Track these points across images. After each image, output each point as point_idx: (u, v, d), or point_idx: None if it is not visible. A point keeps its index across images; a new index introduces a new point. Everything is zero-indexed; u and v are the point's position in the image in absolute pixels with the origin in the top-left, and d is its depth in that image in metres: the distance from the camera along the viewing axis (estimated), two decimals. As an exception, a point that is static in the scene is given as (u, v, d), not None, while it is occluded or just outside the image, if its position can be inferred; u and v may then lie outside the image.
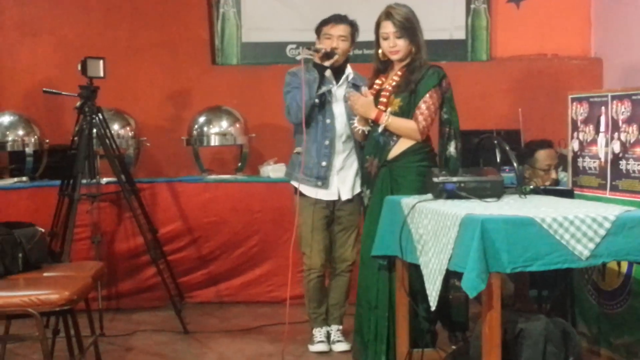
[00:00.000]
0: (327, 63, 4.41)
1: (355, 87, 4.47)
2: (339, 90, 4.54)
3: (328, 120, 4.49)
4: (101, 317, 5.01)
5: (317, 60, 4.40)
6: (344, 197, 4.55)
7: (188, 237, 5.72)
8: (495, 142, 4.14)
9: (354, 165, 4.56)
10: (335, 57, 4.41)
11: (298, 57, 4.48)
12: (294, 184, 4.57)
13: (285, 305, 4.47)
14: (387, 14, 4.14)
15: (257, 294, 5.77)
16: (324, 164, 4.50)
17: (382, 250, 3.90)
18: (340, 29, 4.49)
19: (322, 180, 4.50)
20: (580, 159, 4.27)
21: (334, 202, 4.56)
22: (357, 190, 4.54)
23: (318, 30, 4.55)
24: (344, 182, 4.54)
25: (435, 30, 6.35)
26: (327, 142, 4.50)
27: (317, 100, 4.45)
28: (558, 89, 5.81)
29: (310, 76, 4.40)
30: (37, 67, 6.55)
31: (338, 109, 4.51)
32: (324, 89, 4.44)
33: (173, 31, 6.69)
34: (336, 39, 4.47)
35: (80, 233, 5.39)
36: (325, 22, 4.52)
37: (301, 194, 4.52)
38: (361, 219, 4.49)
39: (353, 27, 4.53)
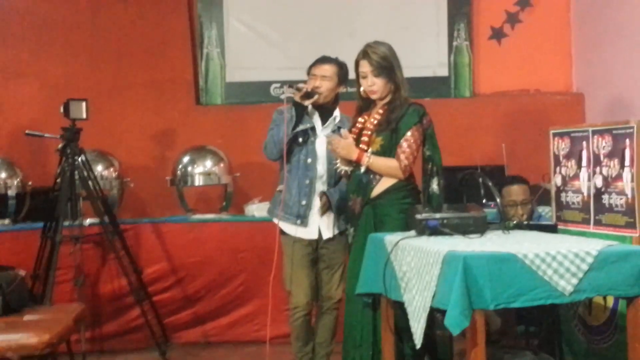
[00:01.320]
0: (306, 102, 4.41)
1: (340, 130, 4.48)
2: (324, 131, 4.54)
3: (309, 160, 4.49)
4: (84, 360, 4.95)
5: (297, 99, 4.41)
6: (325, 236, 4.52)
7: (173, 277, 5.68)
8: (480, 178, 4.14)
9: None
10: (315, 96, 4.42)
11: (282, 97, 4.49)
12: (275, 221, 4.56)
13: (273, 345, 4.42)
14: (364, 53, 4.15)
15: (243, 334, 5.71)
16: (303, 202, 4.49)
17: (366, 287, 3.88)
18: (324, 69, 4.49)
19: (302, 218, 4.49)
20: (563, 194, 4.27)
21: (316, 240, 4.54)
22: (340, 228, 4.52)
23: (308, 72, 4.57)
24: (324, 221, 4.53)
25: (418, 67, 6.40)
26: (307, 181, 4.49)
27: (299, 140, 4.45)
28: (541, 124, 5.83)
29: (290, 114, 4.42)
30: (21, 109, 6.54)
31: (321, 149, 4.51)
32: (300, 127, 4.44)
33: (157, 71, 6.71)
34: (319, 78, 4.48)
35: (62, 275, 5.34)
36: (313, 63, 4.55)
37: (282, 232, 4.52)
38: (347, 257, 4.47)
39: (340, 67, 4.52)
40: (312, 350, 4.64)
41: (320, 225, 4.51)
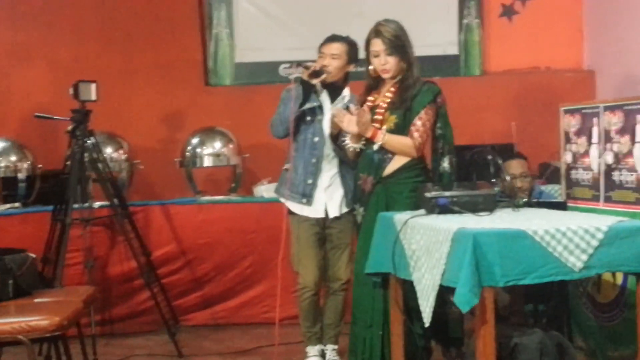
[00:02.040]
0: (314, 81, 4.39)
1: (349, 107, 4.45)
2: (332, 110, 4.51)
3: (316, 138, 4.47)
4: (94, 343, 4.94)
5: (305, 78, 4.38)
6: (332, 215, 4.51)
7: (182, 259, 5.68)
8: (489, 156, 4.11)
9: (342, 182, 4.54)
10: (324, 75, 4.40)
11: (291, 77, 4.46)
12: (282, 200, 4.56)
13: (282, 326, 4.42)
14: (377, 32, 4.11)
15: (252, 315, 5.71)
16: (309, 181, 4.48)
17: (375, 267, 3.86)
18: (333, 47, 4.47)
19: (307, 197, 4.48)
20: (573, 171, 4.24)
21: (323, 219, 4.53)
22: (347, 208, 4.51)
23: (319, 50, 4.55)
24: (331, 199, 4.51)
25: (428, 46, 6.33)
26: (313, 160, 4.48)
27: (307, 118, 4.44)
28: (551, 101, 5.76)
29: (297, 92, 4.40)
30: (30, 92, 6.55)
31: (328, 127, 4.49)
32: (307, 105, 4.42)
33: (166, 53, 6.69)
34: (328, 57, 4.46)
35: (73, 258, 5.34)
36: (323, 42, 4.54)
37: (290, 212, 4.52)
38: (354, 237, 4.46)
39: (350, 45, 4.50)
40: (320, 330, 4.64)
41: (327, 204, 4.50)
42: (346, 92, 4.56)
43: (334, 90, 4.53)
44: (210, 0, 6.86)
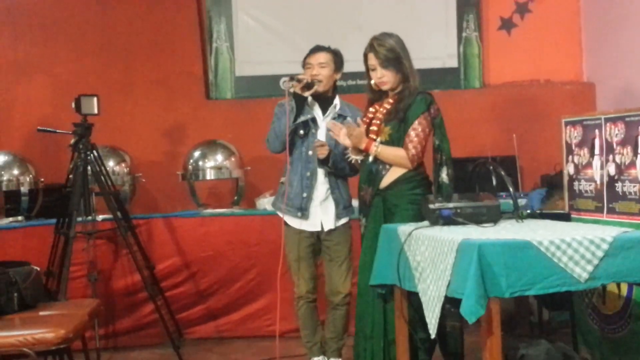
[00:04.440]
0: (306, 93, 4.41)
1: (342, 117, 4.48)
2: (325, 121, 4.53)
3: (311, 152, 4.49)
4: (99, 356, 4.96)
5: (298, 91, 4.40)
6: (327, 227, 4.52)
7: (185, 272, 5.67)
8: (491, 167, 4.13)
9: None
10: (315, 86, 4.42)
11: (282, 87, 4.47)
12: (279, 214, 4.58)
13: (285, 339, 4.41)
14: (371, 46, 4.15)
15: (256, 328, 5.70)
16: (304, 195, 4.49)
17: (380, 279, 3.88)
18: (320, 57, 4.50)
19: (303, 211, 4.49)
20: (576, 183, 4.26)
21: (318, 232, 4.55)
22: (342, 220, 4.53)
23: (303, 64, 4.58)
24: (326, 213, 4.52)
25: (427, 58, 6.39)
26: (308, 174, 4.49)
27: (301, 132, 4.46)
28: (552, 114, 5.82)
29: (290, 106, 4.41)
30: (32, 106, 6.58)
31: (322, 139, 4.50)
32: (302, 118, 4.44)
33: (167, 67, 6.73)
34: (316, 66, 4.49)
35: (76, 271, 5.34)
36: (307, 54, 4.56)
37: (286, 224, 4.54)
38: (351, 250, 4.53)
39: (334, 54, 4.53)
40: (320, 340, 4.64)
41: (322, 217, 4.51)
42: (337, 101, 4.58)
43: (325, 101, 4.55)
44: (210, 14, 6.90)
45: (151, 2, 6.78)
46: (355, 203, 4.55)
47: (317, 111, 4.54)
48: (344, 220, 4.55)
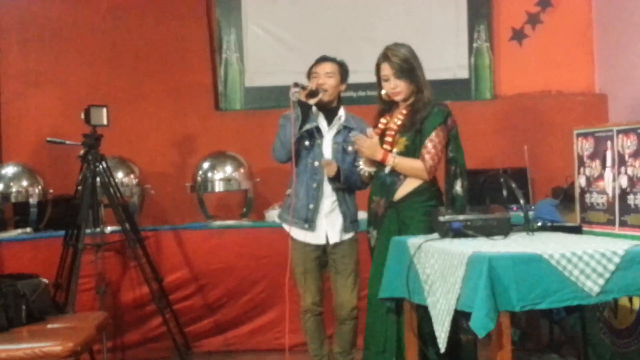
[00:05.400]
0: (311, 101, 4.39)
1: (347, 129, 4.46)
2: (329, 133, 4.51)
3: (317, 163, 4.46)
4: (106, 369, 4.94)
5: (303, 98, 4.38)
6: (332, 241, 4.49)
7: (194, 284, 5.65)
8: (502, 180, 4.09)
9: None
10: (320, 94, 4.41)
11: (290, 96, 4.43)
12: (284, 226, 4.55)
13: (294, 352, 4.38)
14: (385, 56, 4.13)
15: (265, 342, 5.66)
16: (311, 206, 4.46)
17: (389, 292, 3.84)
18: (327, 67, 4.50)
19: (309, 223, 4.46)
20: (587, 195, 4.21)
21: (324, 245, 4.51)
22: (349, 235, 4.50)
23: (308, 73, 4.57)
24: (332, 226, 4.49)
25: (438, 69, 6.34)
26: (314, 185, 4.46)
27: (306, 143, 4.44)
28: (563, 125, 5.77)
29: (296, 114, 4.39)
30: (42, 117, 6.60)
31: (327, 151, 4.48)
32: (307, 126, 4.41)
33: (176, 77, 6.73)
34: (323, 76, 4.48)
35: (84, 283, 5.32)
36: (314, 63, 4.56)
37: (293, 238, 4.51)
38: (358, 262, 4.50)
39: (340, 65, 4.54)
40: (328, 353, 4.60)
41: (327, 230, 4.48)
42: (341, 112, 4.56)
43: (330, 112, 4.54)
44: (220, 24, 6.90)
45: (161, 13, 6.79)
46: (361, 216, 4.52)
47: (321, 122, 4.52)
48: (350, 235, 4.52)
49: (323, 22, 6.87)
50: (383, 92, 4.19)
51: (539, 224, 3.99)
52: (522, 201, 3.82)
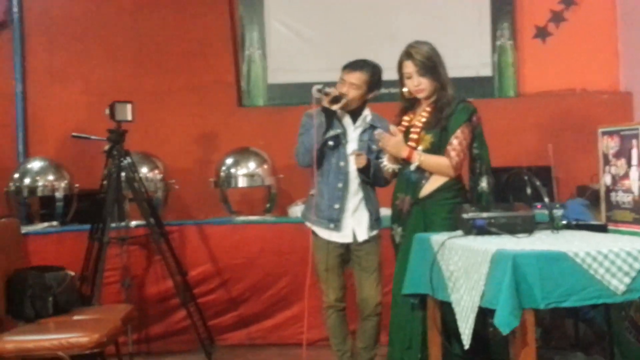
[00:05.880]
0: (334, 107, 4.36)
1: (373, 127, 4.45)
2: (354, 133, 4.51)
3: (342, 163, 4.45)
4: (131, 361, 4.98)
5: (326, 104, 4.38)
6: (361, 239, 4.49)
7: (217, 279, 5.69)
8: (526, 177, 4.09)
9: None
10: (343, 101, 4.37)
11: (313, 94, 4.40)
12: (308, 224, 4.57)
13: (316, 347, 4.39)
14: (408, 54, 4.12)
15: (288, 336, 5.69)
16: (336, 206, 4.46)
17: (413, 288, 3.85)
18: (354, 77, 4.42)
19: (335, 222, 4.46)
20: (613, 194, 4.20)
21: (348, 243, 4.52)
22: (375, 231, 4.51)
23: (342, 74, 4.53)
24: (359, 224, 4.49)
25: (461, 67, 6.32)
26: (340, 185, 4.46)
27: (330, 143, 4.42)
28: (587, 124, 5.75)
29: (319, 120, 4.38)
30: (67, 113, 6.65)
31: (353, 149, 4.47)
32: (331, 133, 4.40)
33: (199, 74, 6.76)
34: (348, 85, 4.42)
35: (110, 277, 5.37)
36: (345, 66, 4.49)
37: (315, 235, 4.52)
38: (384, 259, 4.50)
39: (371, 74, 4.44)
40: (351, 348, 4.61)
41: (354, 228, 4.49)
42: (367, 111, 4.53)
43: (355, 112, 4.51)
44: (242, 21, 6.92)
45: (184, 10, 6.81)
46: (383, 213, 4.52)
47: (347, 122, 4.51)
48: (376, 232, 4.53)
49: (345, 19, 6.87)
50: (405, 89, 4.19)
51: (564, 222, 3.98)
52: (546, 199, 3.81)
